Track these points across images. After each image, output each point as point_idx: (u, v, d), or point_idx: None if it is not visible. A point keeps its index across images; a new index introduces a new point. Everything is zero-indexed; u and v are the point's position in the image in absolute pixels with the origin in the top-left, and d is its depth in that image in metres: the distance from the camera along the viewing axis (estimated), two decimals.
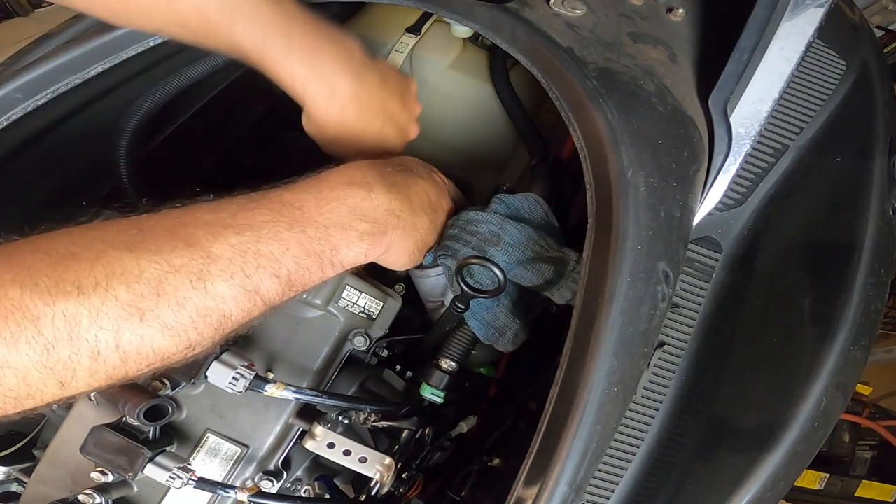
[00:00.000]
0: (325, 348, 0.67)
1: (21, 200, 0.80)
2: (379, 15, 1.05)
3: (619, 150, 0.58)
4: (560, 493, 0.52)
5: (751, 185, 0.72)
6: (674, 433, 0.67)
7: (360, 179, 0.56)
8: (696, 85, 0.68)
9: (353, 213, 0.54)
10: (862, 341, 0.68)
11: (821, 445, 0.67)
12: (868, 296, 0.69)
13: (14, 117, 0.68)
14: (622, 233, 0.55)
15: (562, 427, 0.53)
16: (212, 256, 0.41)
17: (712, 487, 0.65)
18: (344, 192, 0.54)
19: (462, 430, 0.79)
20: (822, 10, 0.66)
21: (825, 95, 0.76)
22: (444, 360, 0.72)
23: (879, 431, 1.64)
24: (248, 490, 0.61)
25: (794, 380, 0.67)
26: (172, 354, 0.40)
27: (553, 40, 0.64)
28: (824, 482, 1.61)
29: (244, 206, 0.48)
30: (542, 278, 0.70)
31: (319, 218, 0.51)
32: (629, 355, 0.55)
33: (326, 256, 0.51)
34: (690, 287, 0.69)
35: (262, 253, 0.44)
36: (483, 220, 0.70)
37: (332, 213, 0.52)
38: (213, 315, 0.41)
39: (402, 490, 0.70)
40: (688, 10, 0.72)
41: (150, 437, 0.58)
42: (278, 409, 0.64)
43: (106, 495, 0.59)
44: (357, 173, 0.57)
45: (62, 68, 0.67)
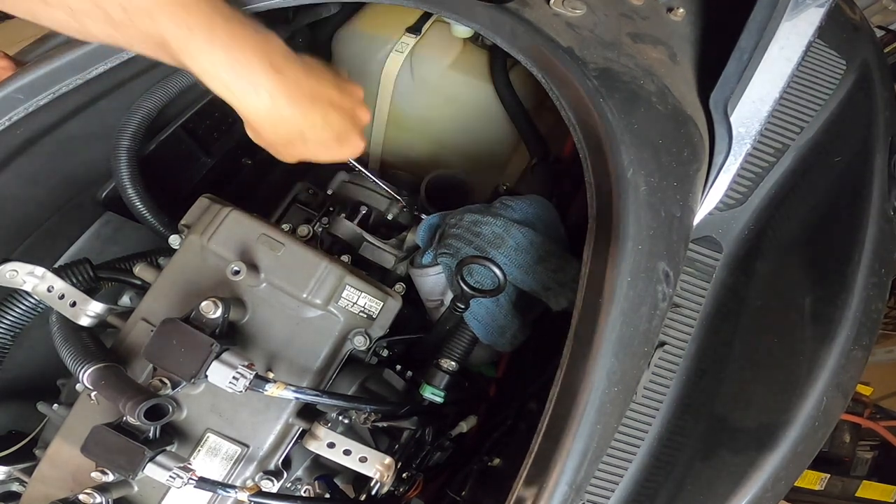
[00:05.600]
0: (325, 348, 0.67)
1: (22, 200, 0.80)
2: (379, 15, 1.05)
3: (619, 150, 0.58)
4: (560, 493, 0.52)
5: (751, 185, 0.72)
6: (674, 433, 0.67)
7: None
8: (697, 85, 0.68)
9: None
10: (862, 341, 0.68)
11: (821, 445, 0.67)
12: (868, 296, 0.69)
13: (15, 118, 0.68)
14: (622, 233, 0.56)
15: (562, 427, 0.53)
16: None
17: (712, 487, 0.65)
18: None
19: (462, 430, 0.79)
20: (822, 10, 0.66)
21: (825, 95, 0.76)
22: (444, 359, 0.72)
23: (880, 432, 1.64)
24: (249, 489, 0.61)
25: (794, 380, 0.67)
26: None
27: (553, 40, 0.64)
28: (824, 482, 1.61)
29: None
30: (540, 284, 0.70)
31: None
32: (629, 355, 0.55)
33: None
34: (691, 287, 0.69)
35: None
36: (487, 222, 0.71)
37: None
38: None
39: (402, 490, 0.70)
40: (688, 9, 0.72)
41: (151, 437, 0.58)
42: (278, 408, 0.64)
43: (106, 495, 0.59)
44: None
45: (63, 69, 0.68)
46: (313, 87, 0.63)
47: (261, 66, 0.57)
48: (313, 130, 0.64)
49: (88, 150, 0.81)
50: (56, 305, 0.66)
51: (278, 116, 0.61)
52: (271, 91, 0.58)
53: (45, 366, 0.80)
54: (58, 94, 0.68)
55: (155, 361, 0.57)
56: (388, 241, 0.83)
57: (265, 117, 0.60)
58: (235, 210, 0.68)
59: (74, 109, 0.74)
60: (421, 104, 1.05)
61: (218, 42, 0.55)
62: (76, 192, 0.87)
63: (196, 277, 0.67)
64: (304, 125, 0.63)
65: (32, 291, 0.67)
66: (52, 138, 0.75)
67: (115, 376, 0.58)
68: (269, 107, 0.59)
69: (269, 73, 0.58)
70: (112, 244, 0.91)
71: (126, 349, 0.66)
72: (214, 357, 0.56)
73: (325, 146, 0.67)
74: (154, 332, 0.57)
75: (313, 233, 0.81)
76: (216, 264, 0.66)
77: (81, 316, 0.66)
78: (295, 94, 0.61)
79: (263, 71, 0.57)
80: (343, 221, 0.84)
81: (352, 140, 0.68)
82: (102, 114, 0.77)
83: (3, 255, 0.72)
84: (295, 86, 0.61)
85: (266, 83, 0.58)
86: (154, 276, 0.69)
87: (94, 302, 0.66)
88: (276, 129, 0.62)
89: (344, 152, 0.69)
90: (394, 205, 0.90)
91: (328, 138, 0.66)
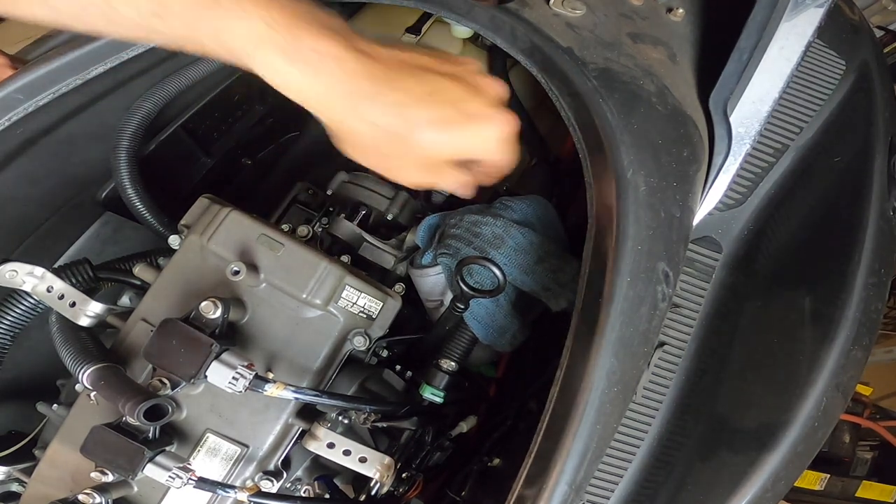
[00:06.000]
0: (324, 348, 0.67)
1: (22, 200, 0.80)
2: (379, 15, 1.05)
3: (618, 150, 0.58)
4: (560, 493, 0.52)
5: (751, 185, 0.72)
6: (674, 433, 0.67)
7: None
8: (696, 85, 0.68)
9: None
10: (862, 341, 0.68)
11: (821, 445, 0.67)
12: (868, 296, 0.69)
13: (15, 118, 0.68)
14: (622, 233, 0.56)
15: (562, 427, 0.53)
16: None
17: (712, 487, 0.65)
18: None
19: (462, 430, 0.79)
20: (821, 10, 0.66)
21: (825, 95, 0.76)
22: (443, 360, 0.72)
23: (880, 432, 1.64)
24: (248, 490, 0.61)
25: (794, 380, 0.67)
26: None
27: (553, 40, 0.64)
28: (824, 482, 1.61)
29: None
30: (540, 285, 0.70)
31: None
32: (629, 355, 0.55)
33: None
34: (690, 287, 0.69)
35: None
36: (487, 222, 0.71)
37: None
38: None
39: (402, 490, 0.70)
40: (688, 10, 0.72)
41: (150, 437, 0.58)
42: (278, 408, 0.64)
43: (106, 495, 0.59)
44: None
45: (63, 69, 0.67)
46: (397, 55, 0.47)
47: (323, 29, 0.44)
48: (419, 106, 0.46)
49: (88, 150, 0.81)
50: (56, 306, 0.66)
51: (363, 94, 0.45)
52: (342, 59, 0.44)
53: (45, 366, 0.80)
54: (58, 94, 0.68)
55: (154, 362, 0.57)
56: (388, 241, 0.83)
57: (346, 101, 0.45)
58: (235, 210, 0.68)
59: (74, 109, 0.74)
60: None
61: (275, 3, 0.43)
62: (76, 192, 0.87)
63: (196, 278, 0.67)
64: (405, 100, 0.45)
65: (32, 291, 0.67)
66: (52, 138, 0.75)
67: (115, 376, 0.58)
68: (347, 81, 0.44)
69: (335, 38, 0.44)
70: (112, 244, 0.91)
71: (126, 349, 0.66)
72: (214, 357, 0.56)
73: (446, 124, 0.47)
74: (153, 333, 0.57)
75: (313, 233, 0.81)
76: (216, 264, 0.66)
77: (81, 316, 0.66)
78: (374, 61, 0.45)
79: (328, 35, 0.44)
80: (343, 221, 0.84)
81: (486, 112, 0.48)
82: (102, 114, 0.77)
83: (3, 255, 0.72)
84: (372, 53, 0.46)
85: (333, 49, 0.44)
86: (154, 277, 0.69)
87: (93, 302, 0.66)
88: (368, 115, 0.45)
89: (483, 132, 0.48)
90: (394, 205, 0.90)
91: (445, 112, 0.47)
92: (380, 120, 0.45)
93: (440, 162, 0.49)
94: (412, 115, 0.45)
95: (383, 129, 0.46)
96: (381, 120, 0.45)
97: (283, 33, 0.43)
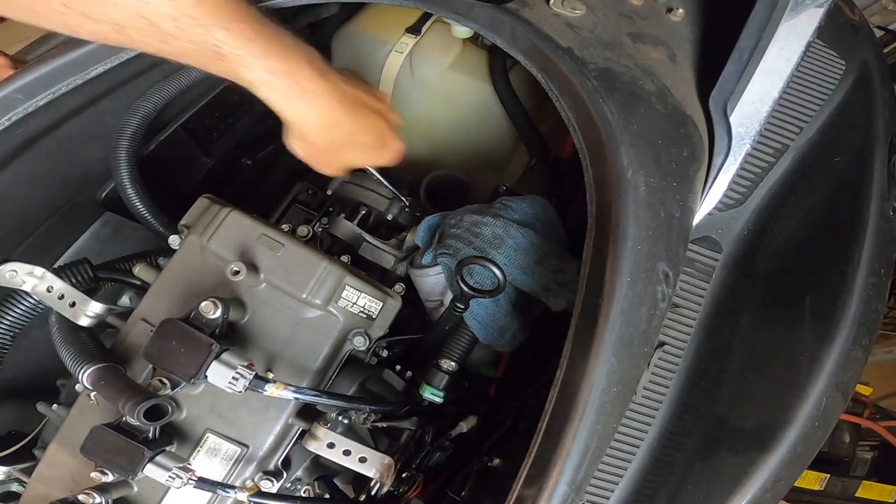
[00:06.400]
0: (325, 348, 0.67)
1: (22, 200, 0.80)
2: (379, 15, 1.05)
3: (619, 150, 0.58)
4: (560, 493, 0.52)
5: (751, 185, 0.72)
6: (674, 433, 0.67)
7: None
8: (696, 85, 0.68)
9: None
10: (862, 341, 0.68)
11: (821, 446, 0.67)
12: (868, 296, 0.69)
13: (15, 118, 0.68)
14: (622, 233, 0.56)
15: (562, 427, 0.53)
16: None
17: (712, 487, 0.65)
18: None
19: (462, 430, 0.79)
20: (821, 10, 0.66)
21: (825, 95, 0.76)
22: (443, 360, 0.72)
23: (880, 432, 1.64)
24: (248, 490, 0.61)
25: (793, 380, 0.67)
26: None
27: (553, 40, 0.64)
28: (824, 482, 1.61)
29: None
30: (540, 285, 0.70)
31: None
32: (629, 355, 0.55)
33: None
34: (690, 287, 0.69)
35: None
36: (487, 222, 0.70)
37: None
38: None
39: (402, 490, 0.70)
40: (688, 10, 0.72)
41: (150, 437, 0.58)
42: (278, 408, 0.64)
43: (106, 495, 0.59)
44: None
45: (63, 69, 0.67)
46: (355, 92, 0.65)
47: (311, 73, 0.58)
48: (360, 134, 0.66)
49: (88, 150, 0.81)
50: (55, 306, 0.66)
51: (330, 121, 0.62)
52: (323, 97, 0.60)
53: (45, 366, 0.80)
54: (58, 94, 0.68)
55: (154, 362, 0.57)
56: (388, 241, 0.83)
57: (317, 124, 0.62)
58: (235, 210, 0.68)
59: (74, 109, 0.74)
60: (421, 104, 1.05)
61: (273, 51, 0.55)
62: (76, 192, 0.87)
63: (196, 278, 0.67)
64: (353, 129, 0.65)
65: (32, 292, 0.67)
66: (52, 138, 0.75)
67: (115, 376, 0.58)
68: (322, 112, 0.61)
69: (320, 80, 0.59)
70: (112, 244, 0.91)
71: (126, 349, 0.66)
72: (214, 357, 0.56)
73: (370, 149, 0.69)
74: (153, 333, 0.57)
75: (313, 233, 0.81)
76: (216, 264, 0.66)
77: (81, 316, 0.66)
78: (342, 98, 0.62)
79: (314, 78, 0.59)
80: (343, 222, 0.84)
81: (392, 142, 0.71)
82: (102, 114, 0.77)
83: (3, 255, 0.72)
84: (340, 91, 0.62)
85: (318, 89, 0.59)
86: (154, 277, 0.69)
87: (93, 302, 0.66)
88: (326, 134, 0.63)
89: (386, 155, 0.71)
90: (394, 205, 0.90)
91: (373, 141, 0.68)
92: (338, 139, 0.64)
93: (357, 166, 0.72)
94: (358, 139, 0.66)
95: (334, 144, 0.65)
96: (338, 139, 0.64)
97: (282, 79, 0.56)
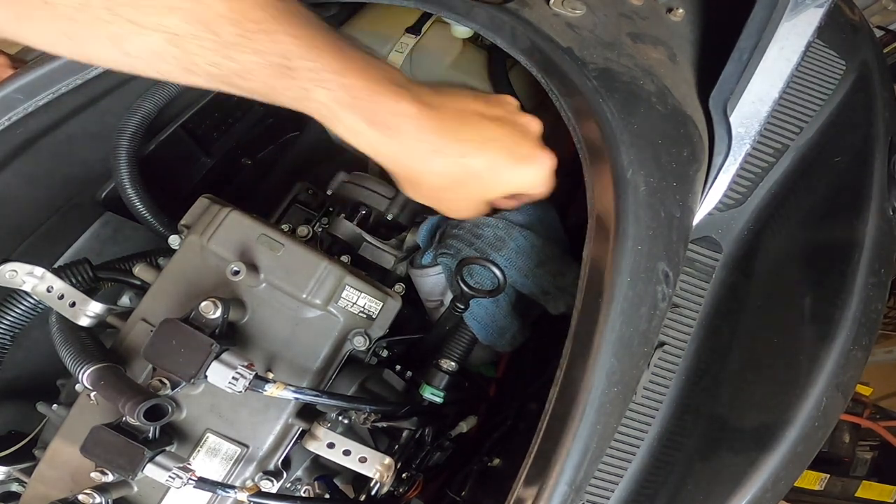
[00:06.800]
0: (325, 348, 0.67)
1: (21, 200, 0.80)
2: (379, 15, 1.05)
3: (619, 150, 0.58)
4: (560, 493, 0.52)
5: (751, 185, 0.72)
6: (674, 433, 0.67)
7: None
8: (696, 85, 0.68)
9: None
10: (862, 341, 0.68)
11: (821, 446, 0.67)
12: (868, 296, 0.69)
13: (15, 118, 0.68)
14: (622, 233, 0.55)
15: (562, 427, 0.53)
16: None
17: (712, 487, 0.65)
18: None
19: (462, 430, 0.79)
20: (821, 10, 0.66)
21: (825, 95, 0.76)
22: (443, 360, 0.72)
23: (880, 432, 1.64)
24: (248, 490, 0.61)
25: (794, 380, 0.67)
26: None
27: (553, 40, 0.64)
28: (824, 483, 1.61)
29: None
30: (540, 288, 0.70)
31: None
32: (629, 355, 0.55)
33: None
34: (690, 287, 0.69)
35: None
36: (489, 224, 0.70)
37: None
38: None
39: (402, 490, 0.70)
40: (688, 10, 0.72)
41: (150, 437, 0.58)
42: (278, 408, 0.64)
43: (106, 495, 0.59)
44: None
45: (63, 69, 0.67)
46: (456, 103, 0.52)
47: (397, 89, 0.48)
48: (478, 155, 0.52)
49: (88, 150, 0.81)
50: (55, 306, 0.66)
51: (430, 148, 0.50)
52: (414, 117, 0.48)
53: (45, 366, 0.80)
54: (58, 94, 0.68)
55: (154, 362, 0.57)
56: (388, 241, 0.83)
57: (416, 154, 0.50)
58: (235, 210, 0.68)
59: (74, 109, 0.74)
60: None
61: (350, 64, 0.46)
62: (76, 192, 0.87)
63: (196, 278, 0.67)
64: (465, 150, 0.51)
65: (32, 292, 0.67)
66: (52, 138, 0.75)
67: (115, 376, 0.58)
68: (417, 138, 0.49)
69: (407, 97, 0.48)
70: (112, 244, 0.91)
71: (126, 349, 0.66)
72: (214, 357, 0.56)
73: (500, 170, 0.54)
74: (153, 333, 0.57)
75: (313, 233, 0.81)
76: (216, 264, 0.66)
77: (81, 316, 0.66)
78: (439, 115, 0.50)
79: (402, 94, 0.48)
80: (343, 221, 0.84)
81: (534, 153, 0.56)
82: (102, 114, 0.77)
83: (3, 255, 0.72)
84: (436, 106, 0.50)
85: (407, 108, 0.48)
86: (154, 277, 0.69)
87: (93, 302, 0.66)
88: (433, 166, 0.51)
89: (531, 171, 0.56)
90: (394, 205, 0.90)
91: (499, 159, 0.54)
92: (445, 170, 0.52)
93: (492, 199, 0.57)
94: (472, 164, 0.52)
95: (448, 178, 0.52)
96: (445, 170, 0.52)
97: (365, 100, 0.46)
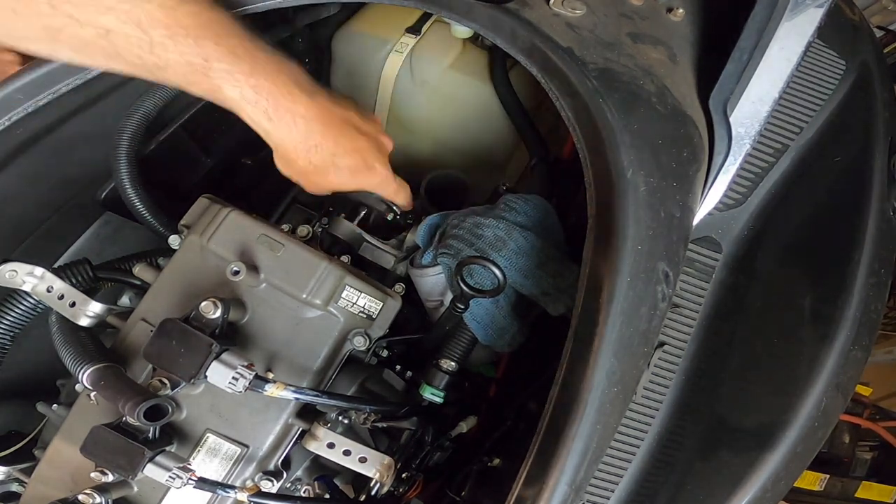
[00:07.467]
0: (325, 348, 0.67)
1: (22, 200, 0.80)
2: (379, 15, 1.05)
3: (619, 150, 0.58)
4: (560, 493, 0.52)
5: (751, 185, 0.72)
6: (674, 433, 0.67)
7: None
8: (696, 85, 0.68)
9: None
10: (862, 341, 0.68)
11: (821, 446, 0.67)
12: (868, 296, 0.69)
13: (15, 118, 0.68)
14: (622, 233, 0.56)
15: (562, 427, 0.53)
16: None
17: (712, 487, 0.65)
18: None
19: (462, 430, 0.79)
20: (821, 10, 0.66)
21: (825, 95, 0.76)
22: (443, 360, 0.72)
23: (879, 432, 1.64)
24: (248, 490, 0.61)
25: (794, 380, 0.67)
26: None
27: (553, 40, 0.64)
28: (824, 483, 1.61)
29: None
30: (539, 289, 0.70)
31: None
32: (629, 355, 0.55)
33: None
34: (690, 287, 0.69)
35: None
36: (490, 224, 0.70)
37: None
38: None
39: (402, 490, 0.70)
40: (688, 10, 0.72)
41: (150, 437, 0.58)
42: (278, 408, 0.64)
43: (106, 495, 0.59)
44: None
45: (63, 69, 0.67)
46: (342, 113, 0.63)
47: (298, 93, 0.57)
48: (344, 157, 0.64)
49: (88, 150, 0.81)
50: (55, 306, 0.66)
51: (313, 143, 0.61)
52: (307, 118, 0.58)
53: (45, 366, 0.80)
54: (58, 94, 0.68)
55: (154, 362, 0.57)
56: (388, 241, 0.83)
57: (297, 146, 0.60)
58: (235, 210, 0.68)
59: (74, 109, 0.74)
60: (421, 104, 1.05)
61: (261, 69, 0.54)
62: (76, 192, 0.87)
63: (196, 278, 0.67)
64: (337, 151, 0.63)
65: (32, 292, 0.67)
66: (52, 138, 0.75)
67: (115, 376, 0.58)
68: (305, 134, 0.59)
69: (306, 101, 0.58)
70: (112, 244, 0.91)
71: (126, 349, 0.66)
72: (214, 357, 0.56)
73: (355, 173, 0.67)
74: (153, 333, 0.57)
75: (313, 233, 0.81)
76: (216, 264, 0.66)
77: (81, 316, 0.66)
78: (327, 120, 0.61)
79: (301, 99, 0.57)
80: (343, 221, 0.84)
81: (378, 167, 0.68)
82: (102, 114, 0.77)
83: (3, 255, 0.72)
84: (327, 112, 0.61)
85: (303, 111, 0.58)
86: (154, 277, 0.69)
87: (93, 302, 0.66)
88: (310, 156, 0.62)
89: (371, 179, 0.69)
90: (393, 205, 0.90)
91: (358, 164, 0.66)
92: (318, 162, 0.63)
93: (343, 188, 0.69)
94: (339, 162, 0.64)
95: (318, 166, 0.64)
96: (318, 162, 0.63)
97: (268, 98, 0.56)
